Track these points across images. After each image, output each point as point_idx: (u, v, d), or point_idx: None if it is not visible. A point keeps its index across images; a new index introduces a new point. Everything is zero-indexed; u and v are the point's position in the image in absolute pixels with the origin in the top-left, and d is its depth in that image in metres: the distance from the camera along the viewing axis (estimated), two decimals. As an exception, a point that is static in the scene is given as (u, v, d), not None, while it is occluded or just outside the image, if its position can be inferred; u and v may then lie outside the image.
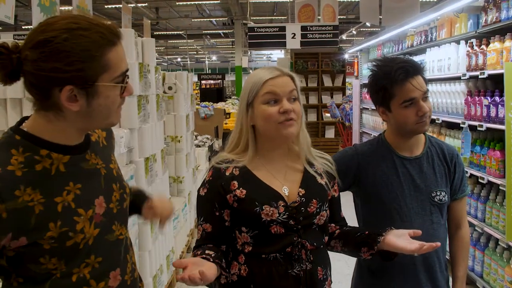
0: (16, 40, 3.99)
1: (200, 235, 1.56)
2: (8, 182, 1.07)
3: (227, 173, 1.54)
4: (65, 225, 1.13)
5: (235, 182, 1.52)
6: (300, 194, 1.54)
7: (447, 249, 1.96)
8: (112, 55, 1.13)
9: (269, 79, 1.50)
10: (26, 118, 1.20)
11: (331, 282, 1.60)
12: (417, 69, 1.76)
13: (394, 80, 1.73)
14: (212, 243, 1.53)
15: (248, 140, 1.55)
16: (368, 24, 11.45)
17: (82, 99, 1.12)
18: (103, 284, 1.23)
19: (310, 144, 1.62)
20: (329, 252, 1.66)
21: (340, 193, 1.73)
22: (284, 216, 1.49)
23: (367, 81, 1.88)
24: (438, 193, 1.82)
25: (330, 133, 10.63)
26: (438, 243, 1.47)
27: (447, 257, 1.92)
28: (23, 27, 15.60)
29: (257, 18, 18.28)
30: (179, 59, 33.50)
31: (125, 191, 1.36)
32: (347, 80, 11.48)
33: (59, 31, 1.07)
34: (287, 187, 1.55)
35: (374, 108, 1.91)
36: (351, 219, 1.72)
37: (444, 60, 4.42)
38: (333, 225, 1.68)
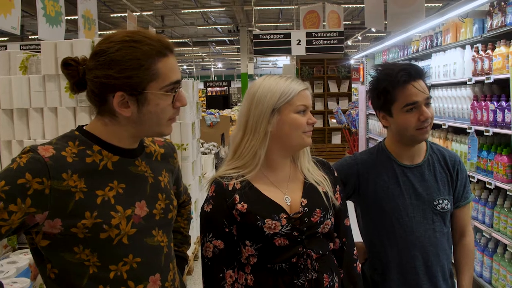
0: (26, 51, 4.03)
1: (211, 252, 1.53)
2: (58, 163, 1.16)
3: (230, 188, 1.53)
4: (100, 217, 1.19)
5: (237, 196, 1.51)
6: (303, 204, 1.53)
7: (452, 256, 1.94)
8: (161, 65, 1.21)
9: (303, 90, 1.54)
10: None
11: (340, 287, 1.58)
12: (419, 73, 1.73)
13: (396, 82, 1.70)
14: (226, 261, 1.53)
15: (258, 147, 1.52)
16: (373, 29, 11.44)
17: (133, 106, 1.21)
18: (141, 287, 1.26)
19: (309, 153, 1.64)
20: None
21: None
22: (287, 228, 1.48)
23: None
24: (440, 201, 1.79)
25: (336, 139, 10.64)
26: None
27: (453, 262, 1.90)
28: (29, 36, 15.73)
29: (262, 25, 18.36)
30: (185, 67, 33.64)
31: (172, 203, 1.39)
32: (353, 85, 11.50)
33: (114, 42, 1.19)
34: (289, 196, 1.54)
35: (378, 113, 1.89)
36: (353, 229, 1.70)
37: (450, 65, 4.41)
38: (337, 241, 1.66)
